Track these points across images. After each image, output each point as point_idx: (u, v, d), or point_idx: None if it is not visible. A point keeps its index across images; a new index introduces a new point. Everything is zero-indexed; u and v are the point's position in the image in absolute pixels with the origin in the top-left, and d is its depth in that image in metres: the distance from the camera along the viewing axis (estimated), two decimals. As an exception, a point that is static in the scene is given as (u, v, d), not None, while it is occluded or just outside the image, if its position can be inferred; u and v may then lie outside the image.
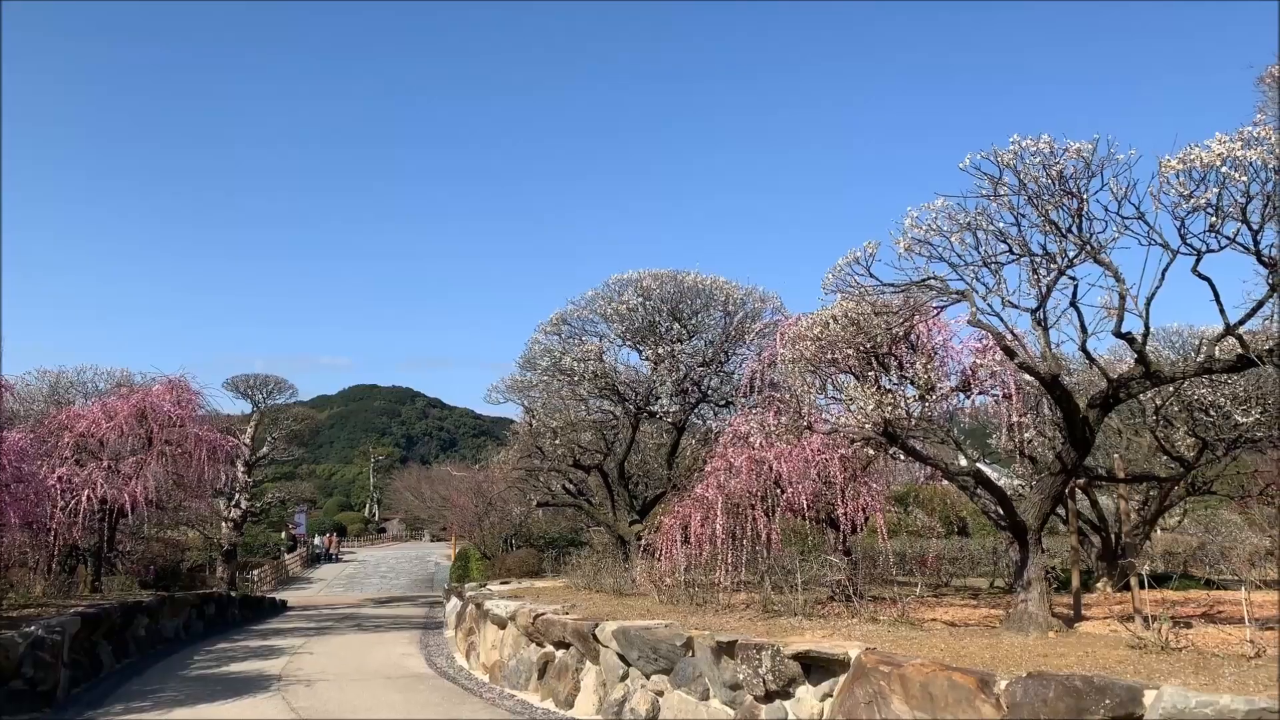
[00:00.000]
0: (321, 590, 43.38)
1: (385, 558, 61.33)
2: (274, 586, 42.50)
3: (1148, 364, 9.11)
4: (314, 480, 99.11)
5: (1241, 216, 7.73)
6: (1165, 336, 15.77)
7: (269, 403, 38.51)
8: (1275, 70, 9.32)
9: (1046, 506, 10.23)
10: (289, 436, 39.12)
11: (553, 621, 12.86)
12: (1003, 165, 8.45)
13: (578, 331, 20.46)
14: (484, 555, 35.17)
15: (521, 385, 21.25)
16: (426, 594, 38.03)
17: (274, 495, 43.41)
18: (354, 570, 53.17)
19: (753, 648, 8.81)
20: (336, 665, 16.07)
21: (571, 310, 20.46)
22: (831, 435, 12.31)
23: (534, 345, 20.65)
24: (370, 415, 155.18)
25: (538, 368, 20.45)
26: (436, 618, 25.88)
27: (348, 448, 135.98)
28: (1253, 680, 6.10)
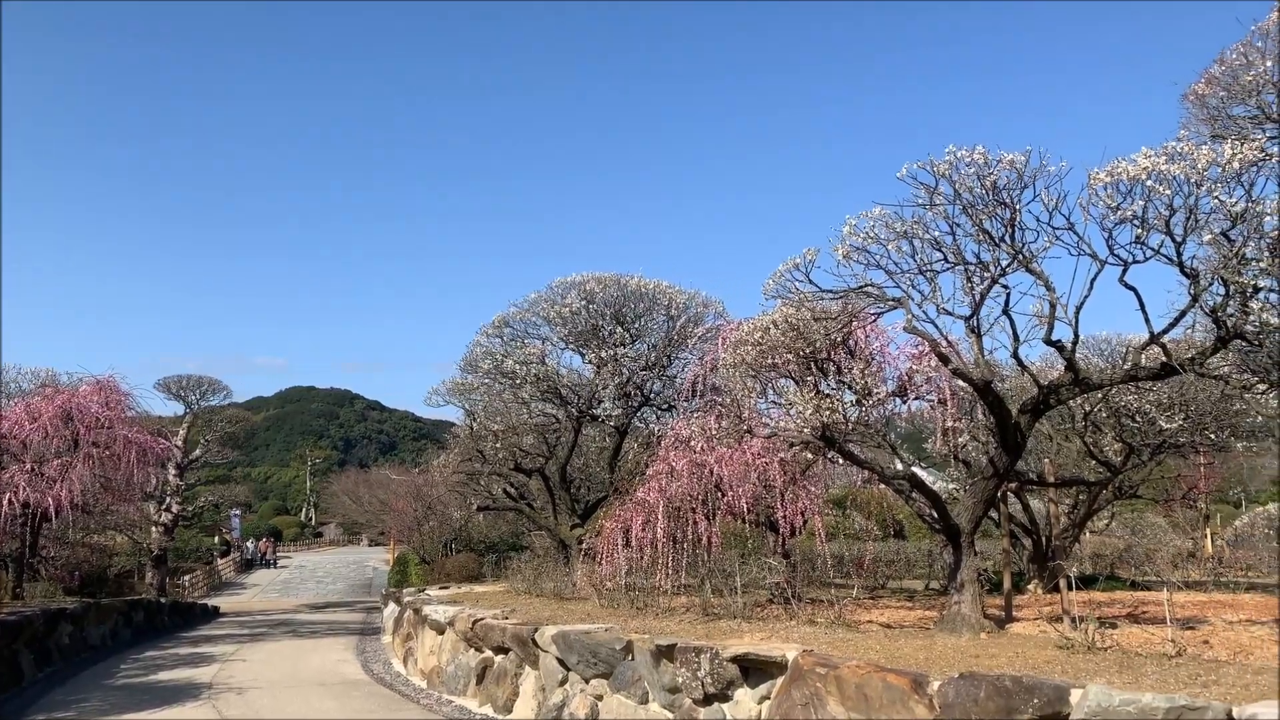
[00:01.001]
0: (256, 596, 42.52)
1: (322, 562, 60.29)
2: (206, 592, 41.54)
3: (1077, 371, 9.36)
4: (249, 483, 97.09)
5: (1165, 229, 7.99)
6: (1095, 344, 16.21)
7: (202, 404, 37.70)
8: (1199, 88, 9.65)
9: (979, 510, 10.45)
10: (223, 439, 38.31)
11: (492, 626, 12.77)
12: (939, 175, 8.63)
13: (520, 334, 20.38)
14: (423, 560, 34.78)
15: (462, 388, 21.08)
16: (364, 599, 37.49)
17: (207, 499, 42.48)
18: (290, 575, 52.18)
19: (692, 651, 8.84)
20: (270, 672, 15.76)
21: (514, 312, 20.38)
22: (771, 439, 12.43)
23: (475, 347, 20.53)
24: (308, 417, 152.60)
25: (479, 370, 20.31)
26: (374, 623, 25.52)
27: (284, 450, 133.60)
28: (1173, 678, 6.30)
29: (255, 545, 59.54)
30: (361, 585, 46.18)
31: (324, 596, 40.52)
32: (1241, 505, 41.74)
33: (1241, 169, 7.70)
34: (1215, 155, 7.68)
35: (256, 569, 56.12)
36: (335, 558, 64.94)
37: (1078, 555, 18.86)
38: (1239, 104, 9.22)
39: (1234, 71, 9.11)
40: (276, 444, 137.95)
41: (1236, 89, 9.16)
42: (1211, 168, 7.67)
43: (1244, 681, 6.08)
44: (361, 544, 79.34)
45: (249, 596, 42.10)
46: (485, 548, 33.56)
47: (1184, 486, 23.68)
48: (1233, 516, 37.00)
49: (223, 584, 47.39)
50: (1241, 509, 40.00)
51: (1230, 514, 38.00)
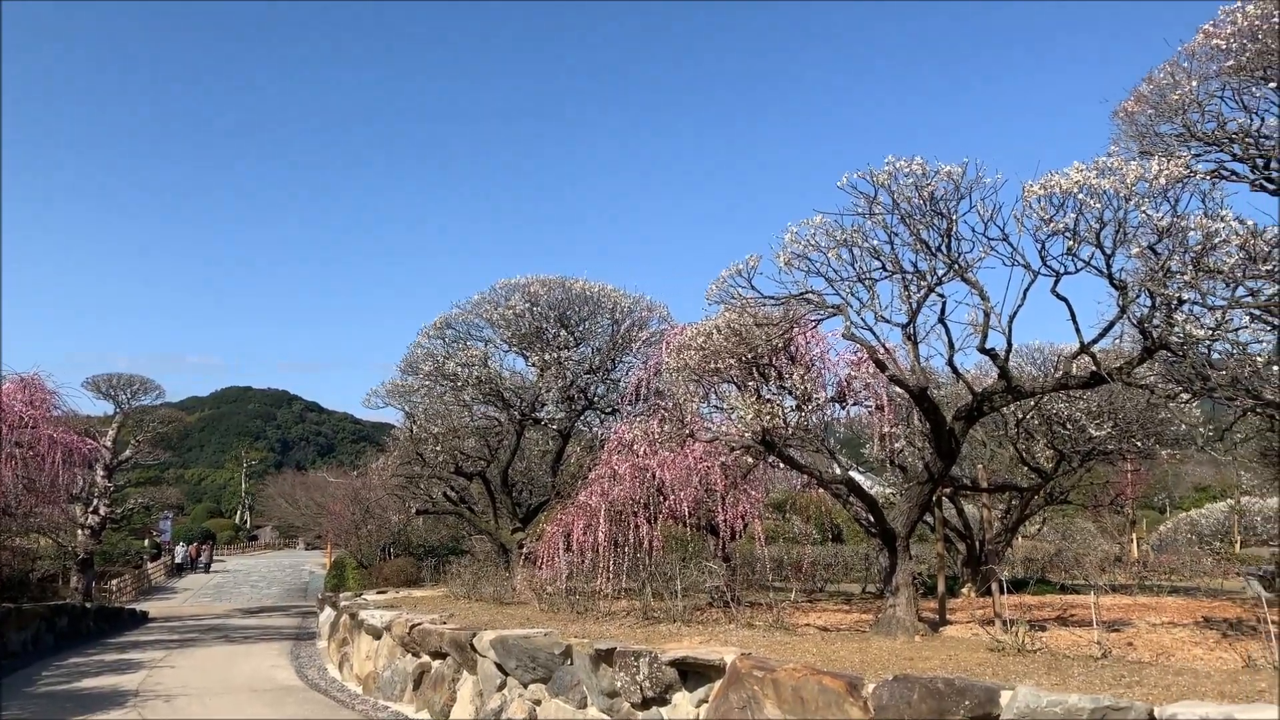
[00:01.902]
0: (187, 600, 41.49)
1: (257, 566, 59.07)
2: (135, 597, 40.40)
3: (1010, 379, 9.58)
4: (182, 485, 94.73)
5: (1096, 241, 8.22)
6: (1028, 353, 16.57)
7: (133, 404, 36.72)
8: (1128, 105, 9.93)
9: (915, 514, 10.62)
10: (154, 439, 37.34)
11: (429, 631, 12.62)
12: (878, 185, 8.77)
13: (462, 336, 20.21)
14: (361, 564, 34.26)
15: (403, 390, 20.83)
16: (300, 604, 36.82)
17: (137, 501, 41.36)
18: (223, 579, 51.01)
19: (631, 655, 8.83)
20: (200, 679, 15.38)
21: (456, 314, 20.20)
22: (713, 443, 12.49)
23: (416, 349, 20.29)
24: (244, 418, 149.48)
25: (420, 372, 20.09)
26: (309, 628, 25.08)
27: (219, 452, 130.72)
28: (1099, 679, 6.47)
29: (185, 550, 57.92)
30: (297, 589, 45.35)
31: (258, 601, 39.70)
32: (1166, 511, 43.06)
33: (1168, 185, 7.95)
34: (1143, 171, 7.92)
35: (188, 573, 54.74)
36: (271, 561, 63.70)
37: (1010, 559, 19.26)
38: (1166, 122, 9.51)
39: (1162, 90, 9.39)
40: (211, 445, 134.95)
41: (1164, 107, 9.45)
42: (1139, 183, 7.91)
43: (1165, 682, 6.27)
44: (298, 547, 77.97)
45: (180, 601, 41.06)
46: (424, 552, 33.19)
47: (1112, 492, 24.36)
48: (1158, 521, 38.18)
49: (152, 588, 46.15)
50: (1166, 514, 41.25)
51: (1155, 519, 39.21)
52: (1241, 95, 8.93)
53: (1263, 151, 8.93)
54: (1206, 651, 8.43)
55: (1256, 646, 7.49)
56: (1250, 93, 8.95)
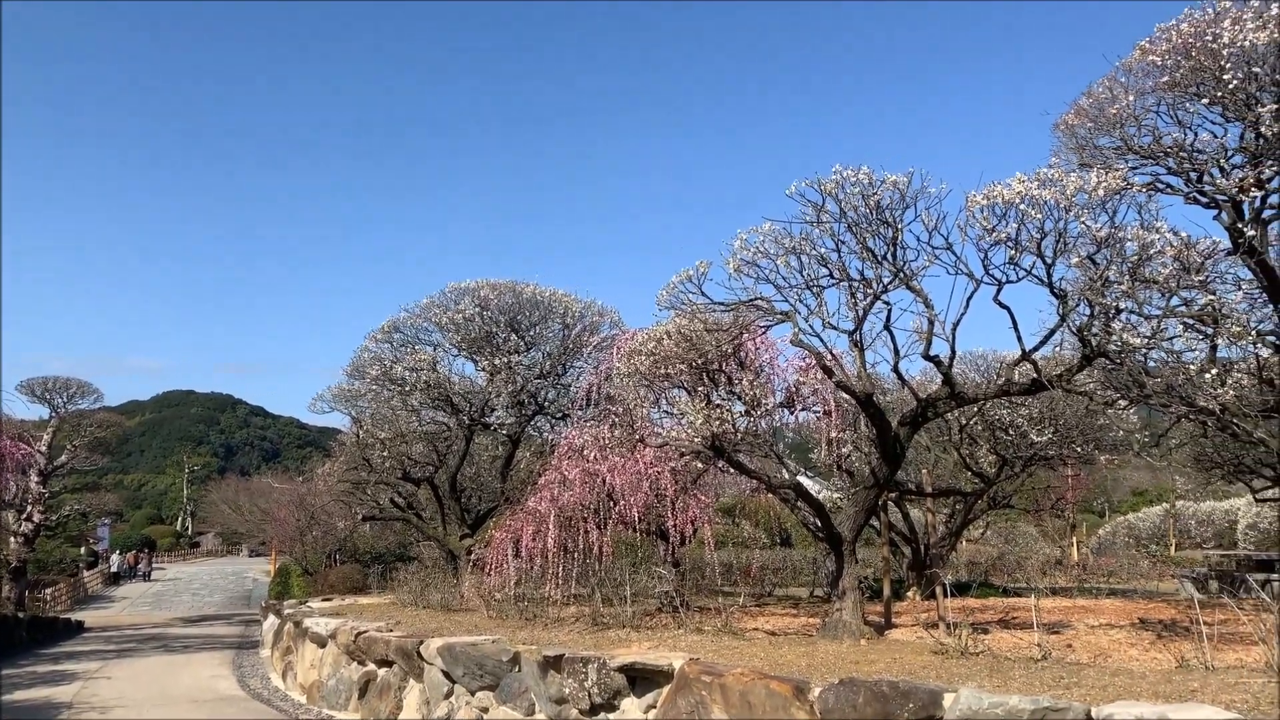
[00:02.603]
0: (125, 609, 40.44)
1: (199, 574, 57.84)
2: (70, 606, 39.27)
3: (953, 385, 9.73)
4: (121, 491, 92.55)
5: (1037, 251, 8.40)
6: (972, 360, 16.87)
7: (70, 408, 35.67)
8: (1068, 119, 10.15)
9: (861, 519, 10.74)
10: (92, 444, 36.30)
11: (375, 639, 12.47)
12: (826, 193, 8.87)
13: (411, 340, 19.98)
14: (306, 571, 33.71)
15: (349, 394, 20.53)
16: (243, 612, 36.12)
17: (73, 507, 40.14)
18: (163, 588, 49.84)
19: (579, 661, 8.81)
20: (137, 690, 15.01)
21: (405, 318, 19.96)
22: (664, 448, 12.52)
23: (363, 353, 20.01)
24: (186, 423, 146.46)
25: (367, 376, 19.81)
26: (253, 637, 24.61)
27: (160, 457, 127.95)
28: (1039, 681, 6.60)
29: (121, 558, 56.33)
30: (240, 597, 44.48)
31: (200, 609, 38.85)
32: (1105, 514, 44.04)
33: (1106, 197, 8.16)
34: (1083, 183, 8.11)
35: (127, 581, 53.37)
36: (213, 569, 62.46)
37: (954, 563, 19.57)
38: (1105, 135, 9.73)
39: (1100, 104, 9.62)
40: (152, 450, 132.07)
41: (1103, 121, 9.67)
42: (1079, 194, 8.10)
43: (1103, 683, 6.41)
44: (241, 554, 76.58)
45: (117, 610, 40.02)
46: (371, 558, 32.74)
47: (1053, 497, 24.87)
48: (1097, 525, 39.01)
49: (89, 597, 44.93)
50: (1105, 518, 42.19)
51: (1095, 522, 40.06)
52: (1176, 111, 9.17)
53: (1196, 166, 9.18)
54: (1142, 652, 8.63)
55: (1189, 647, 7.68)
56: (1184, 108, 9.20)
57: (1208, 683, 6.24)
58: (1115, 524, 37.71)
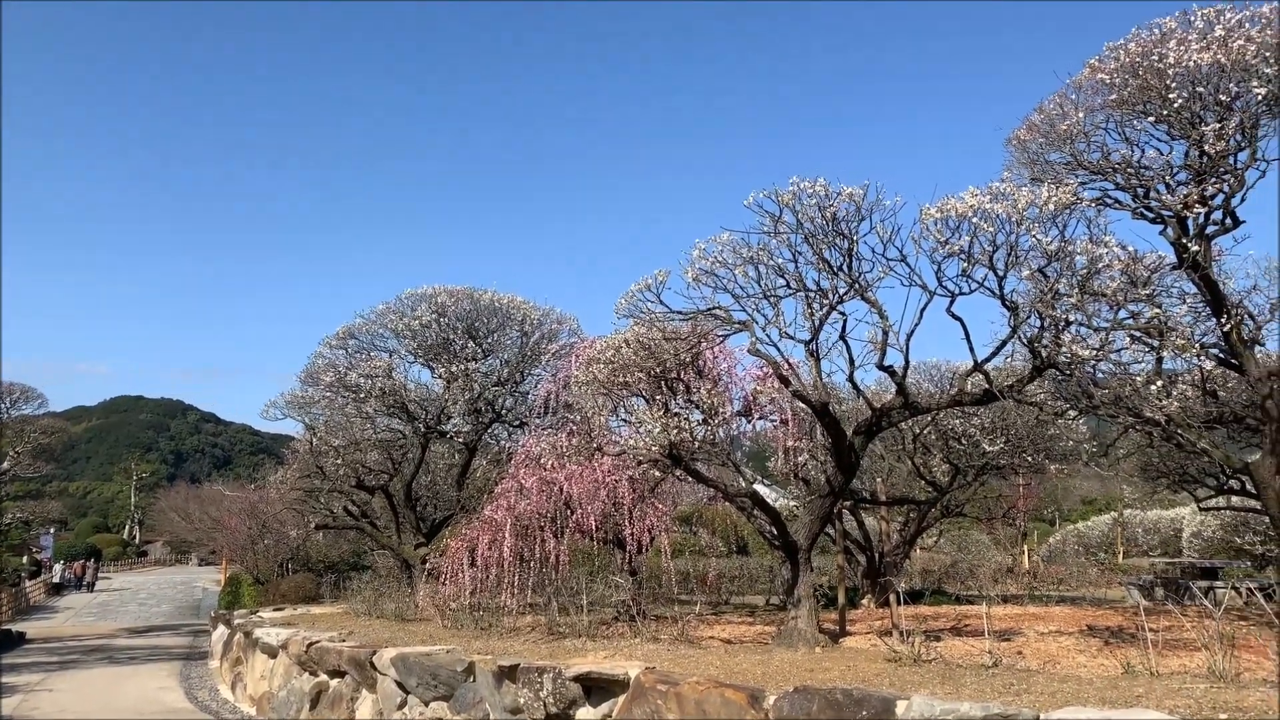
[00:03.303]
0: (69, 620, 39.44)
1: (146, 583, 56.66)
2: (11, 617, 38.19)
3: (907, 395, 9.85)
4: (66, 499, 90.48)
5: (989, 264, 8.54)
6: (926, 370, 17.06)
7: (12, 413, 34.80)
8: (1021, 134, 10.36)
9: (816, 527, 10.81)
10: (36, 451, 35.43)
11: (328, 649, 12.29)
12: (783, 204, 8.95)
13: (366, 346, 19.76)
14: (257, 580, 33.14)
15: (303, 401, 20.23)
16: (192, 622, 35.40)
17: (15, 515, 39.16)
18: (109, 598, 48.72)
19: (534, 671, 8.76)
20: (81, 703, 14.65)
21: (360, 324, 19.74)
22: (621, 457, 12.51)
23: (318, 359, 19.74)
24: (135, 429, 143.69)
25: (321, 383, 19.55)
26: (201, 647, 24.14)
27: (107, 464, 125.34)
28: (990, 688, 6.68)
29: (65, 568, 54.88)
30: (189, 608, 43.61)
31: (147, 620, 38.01)
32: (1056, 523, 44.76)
33: (1056, 211, 8.33)
34: (1034, 197, 8.27)
35: (71, 592, 52.08)
36: (161, 578, 61.26)
37: (908, 571, 19.74)
38: (1056, 150, 9.96)
39: (1051, 120, 9.83)
40: (99, 457, 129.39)
41: (1054, 136, 9.89)
42: (1030, 208, 8.26)
43: (1051, 689, 6.51)
44: (191, 564, 75.23)
45: (61, 621, 39.01)
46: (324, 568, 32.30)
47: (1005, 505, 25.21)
48: (1048, 533, 39.65)
49: (31, 608, 43.77)
50: (1055, 526, 42.89)
51: (1046, 531, 40.72)
52: (1124, 128, 9.41)
53: (1143, 182, 9.41)
54: (1090, 659, 8.78)
55: (1135, 653, 7.83)
56: (1132, 125, 9.44)
57: (1152, 688, 6.37)
58: (1065, 532, 38.34)
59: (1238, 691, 6.10)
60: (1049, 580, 23.40)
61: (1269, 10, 8.62)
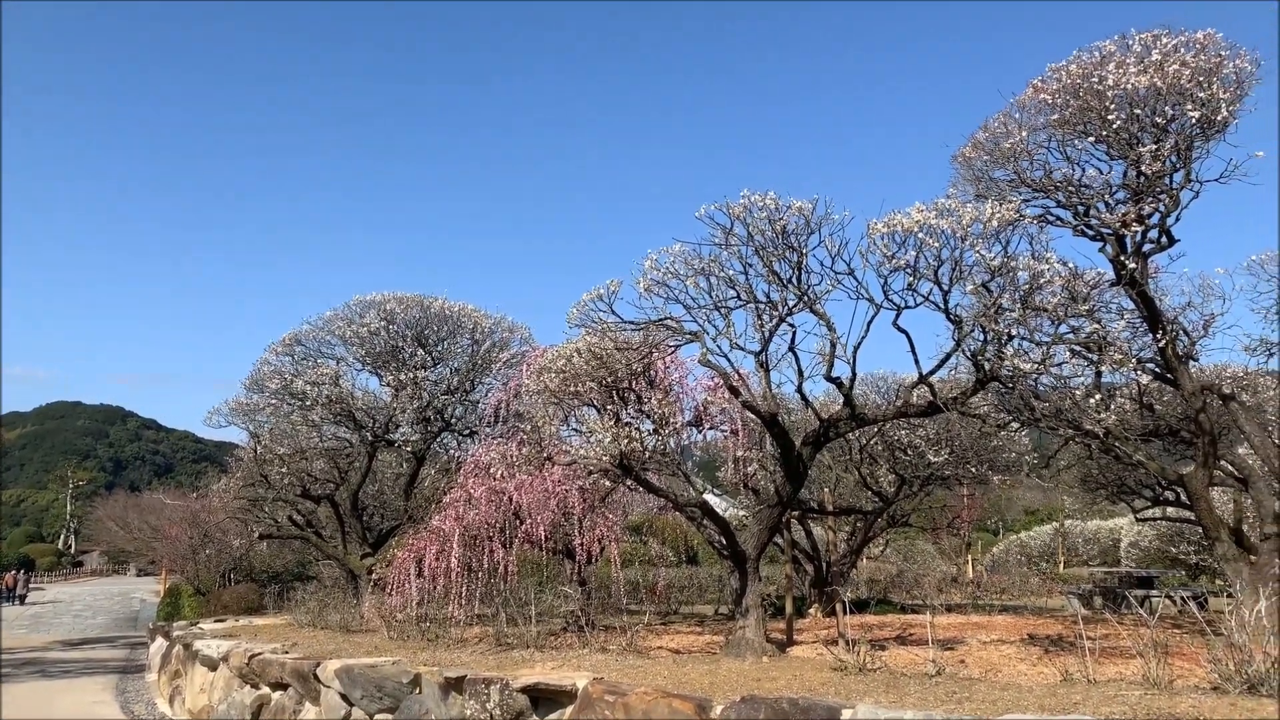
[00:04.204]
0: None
1: (81, 594, 55.14)
2: (-64, 631, 36.95)
3: (854, 406, 9.98)
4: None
5: (934, 278, 8.69)
6: (873, 382, 17.29)
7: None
8: (966, 151, 10.57)
9: (764, 536, 10.88)
10: (-34, 458, 34.40)
11: (270, 661, 12.08)
12: (734, 217, 9.03)
13: (313, 353, 19.48)
14: (198, 591, 32.45)
15: (247, 408, 19.87)
16: (129, 634, 34.51)
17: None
18: (41, 609, 47.30)
19: (482, 682, 8.69)
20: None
21: (307, 330, 19.46)
22: (572, 466, 12.48)
23: (263, 366, 19.41)
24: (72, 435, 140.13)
25: (266, 390, 19.22)
26: (139, 660, 23.55)
27: (42, 471, 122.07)
28: (933, 696, 6.77)
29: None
30: (127, 619, 42.51)
31: (82, 632, 36.97)
32: (999, 533, 45.52)
33: (1000, 227, 8.51)
34: (978, 213, 8.44)
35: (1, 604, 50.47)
36: (98, 589, 59.64)
37: (855, 580, 19.96)
38: (1000, 168, 10.17)
39: (996, 138, 10.05)
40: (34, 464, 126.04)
41: (998, 154, 10.11)
42: (975, 224, 8.43)
43: (993, 697, 6.62)
44: (129, 574, 73.42)
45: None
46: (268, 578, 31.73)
47: (949, 515, 25.64)
48: (991, 543, 40.31)
49: (-42, 620, 42.38)
50: (999, 536, 43.62)
51: (990, 540, 41.38)
52: (1065, 147, 9.64)
53: (1083, 200, 9.65)
54: (1030, 667, 8.95)
55: (1074, 661, 7.99)
56: (1073, 145, 9.68)
57: (1089, 695, 6.51)
58: (1008, 542, 39.01)
59: (1171, 698, 6.26)
60: (992, 589, 23.80)
61: (1203, 36, 8.91)
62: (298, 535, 22.67)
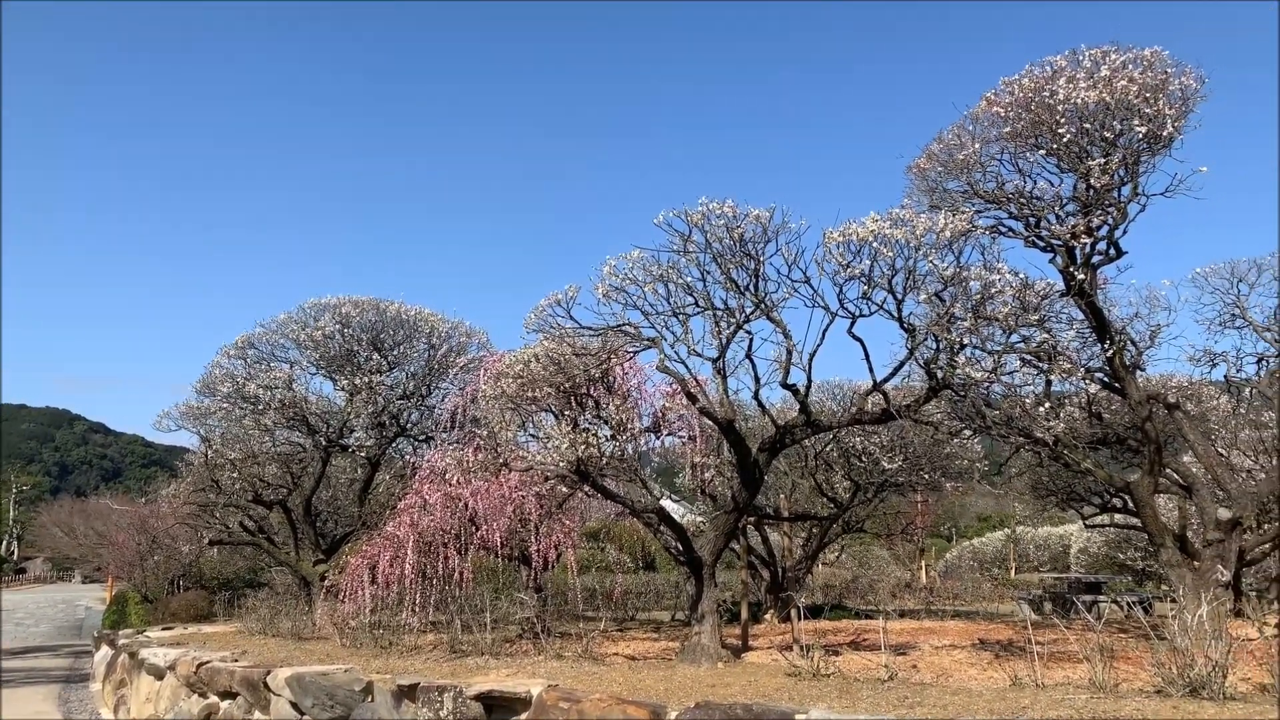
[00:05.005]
0: (-64, 642, 37.19)
1: (23, 602, 53.74)
2: None
3: (809, 413, 10.06)
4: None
5: (889, 287, 8.80)
6: (829, 389, 17.43)
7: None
8: (920, 162, 10.71)
9: (720, 542, 10.92)
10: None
11: (219, 669, 11.86)
12: (692, 224, 9.08)
13: (266, 356, 19.19)
14: (145, 598, 31.78)
15: (198, 412, 19.52)
16: (73, 643, 33.71)
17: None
18: (-19, 618, 46.14)
19: (435, 690, 8.61)
20: (-53, 731, 13.82)
21: (260, 333, 19.16)
22: (529, 472, 12.43)
23: (215, 369, 19.07)
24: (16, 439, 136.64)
25: (218, 394, 18.89)
26: (83, 670, 23.01)
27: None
28: (885, 701, 6.83)
29: None
30: (71, 628, 41.53)
31: (23, 640, 36.04)
32: (952, 539, 46.12)
33: (953, 238, 8.64)
34: (931, 224, 8.57)
35: (-60, 612, 49.07)
36: (41, 596, 58.25)
37: (810, 586, 20.09)
38: (953, 179, 10.31)
39: (950, 150, 10.19)
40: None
41: (952, 166, 10.25)
42: (928, 234, 8.55)
43: (944, 702, 6.70)
44: (74, 581, 71.78)
45: (-73, 643, 36.77)
46: (219, 585, 31.17)
47: (903, 521, 25.91)
48: (945, 549, 40.84)
49: (-107, 630, 41.14)
50: (952, 542, 44.20)
51: (943, 547, 41.93)
52: (1017, 160, 9.81)
53: (1034, 212, 9.82)
54: (980, 672, 9.07)
55: (1023, 666, 8.11)
56: (1025, 157, 9.84)
57: (1038, 699, 6.61)
58: (961, 548, 39.56)
59: (1116, 701, 6.38)
60: (945, 595, 24.09)
61: (1150, 54, 9.12)
62: (249, 541, 22.32)
